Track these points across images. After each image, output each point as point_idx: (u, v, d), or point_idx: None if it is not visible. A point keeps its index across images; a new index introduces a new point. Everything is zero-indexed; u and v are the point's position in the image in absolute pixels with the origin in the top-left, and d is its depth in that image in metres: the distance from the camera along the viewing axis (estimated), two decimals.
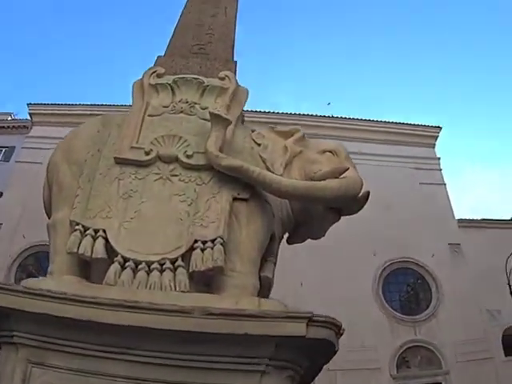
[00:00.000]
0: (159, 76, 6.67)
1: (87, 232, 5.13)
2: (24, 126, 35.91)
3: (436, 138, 36.08)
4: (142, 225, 5.21)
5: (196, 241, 5.03)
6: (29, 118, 35.53)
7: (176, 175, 5.54)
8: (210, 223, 5.15)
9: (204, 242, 5.01)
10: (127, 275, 4.92)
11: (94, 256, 5.01)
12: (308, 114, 35.06)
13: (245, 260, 5.17)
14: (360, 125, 34.92)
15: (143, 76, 6.71)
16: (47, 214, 6.02)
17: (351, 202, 5.76)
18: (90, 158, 5.71)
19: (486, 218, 33.03)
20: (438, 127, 36.06)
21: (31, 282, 4.90)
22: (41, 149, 29.24)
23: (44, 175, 6.19)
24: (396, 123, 35.58)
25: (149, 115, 6.15)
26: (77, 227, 5.16)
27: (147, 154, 5.64)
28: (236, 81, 6.70)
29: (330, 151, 6.25)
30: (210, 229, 5.11)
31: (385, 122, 35.49)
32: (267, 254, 5.66)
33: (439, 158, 35.53)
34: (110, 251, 5.08)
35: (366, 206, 5.94)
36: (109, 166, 5.64)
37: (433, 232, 29.99)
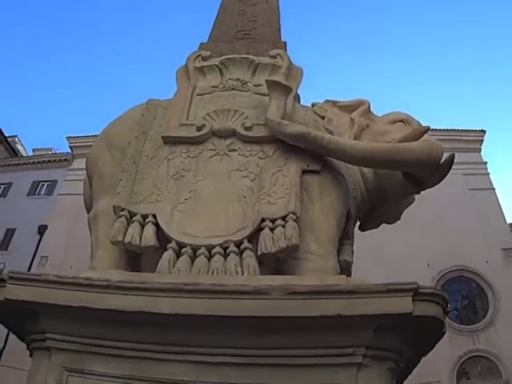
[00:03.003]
0: (204, 59, 6.14)
1: (134, 218, 4.51)
2: (65, 160, 36.25)
3: (481, 142, 34.79)
4: (199, 205, 4.56)
5: (263, 220, 4.34)
6: (69, 151, 35.92)
7: (234, 150, 4.93)
8: (279, 199, 4.45)
9: (273, 221, 4.31)
10: (184, 263, 4.21)
11: (143, 244, 4.35)
12: None
13: (321, 239, 4.43)
14: None
15: (187, 61, 6.19)
16: (88, 212, 5.39)
17: (433, 169, 4.89)
18: (135, 140, 5.14)
19: None
20: (483, 131, 34.77)
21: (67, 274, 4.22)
22: (82, 180, 29.23)
23: None
24: (439, 130, 34.40)
25: (197, 94, 5.61)
26: (122, 213, 4.54)
27: (199, 129, 5.06)
28: (289, 58, 6.11)
29: (401, 120, 5.53)
30: (279, 205, 4.41)
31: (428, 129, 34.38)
32: (343, 237, 4.93)
33: (486, 163, 34.25)
34: (162, 238, 4.42)
35: (417, 216, 5.08)
36: (156, 148, 5.08)
37: (485, 238, 29.02)
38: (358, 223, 5.97)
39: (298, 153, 4.77)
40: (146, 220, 4.50)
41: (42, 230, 31.87)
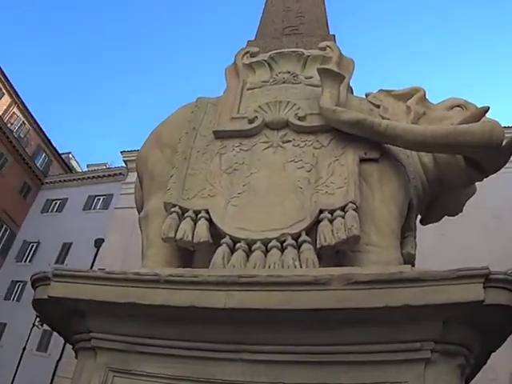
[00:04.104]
0: (253, 55, 6.05)
1: (186, 214, 4.41)
2: (120, 174, 36.89)
3: None
4: (254, 199, 4.42)
5: (321, 211, 4.14)
6: (123, 165, 36.55)
7: (288, 141, 4.79)
8: (337, 189, 4.26)
9: (332, 212, 4.11)
10: (239, 257, 4.05)
11: (195, 240, 4.23)
12: None
13: (383, 231, 4.20)
14: None
15: (235, 58, 6.11)
16: (139, 213, 5.31)
17: (496, 151, 4.53)
18: (185, 136, 5.09)
19: None
20: None
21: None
22: None
23: None
24: None
25: (248, 89, 5.52)
26: (173, 210, 4.45)
27: (251, 122, 4.97)
28: (339, 49, 5.93)
29: (458, 105, 5.29)
30: (338, 195, 4.21)
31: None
32: (405, 228, 4.69)
33: None
34: (216, 234, 4.28)
35: (473, 219, 4.66)
36: (207, 143, 5.02)
37: None
38: (419, 217, 5.70)
39: (355, 141, 4.58)
40: (199, 216, 4.39)
41: (98, 243, 32.42)
